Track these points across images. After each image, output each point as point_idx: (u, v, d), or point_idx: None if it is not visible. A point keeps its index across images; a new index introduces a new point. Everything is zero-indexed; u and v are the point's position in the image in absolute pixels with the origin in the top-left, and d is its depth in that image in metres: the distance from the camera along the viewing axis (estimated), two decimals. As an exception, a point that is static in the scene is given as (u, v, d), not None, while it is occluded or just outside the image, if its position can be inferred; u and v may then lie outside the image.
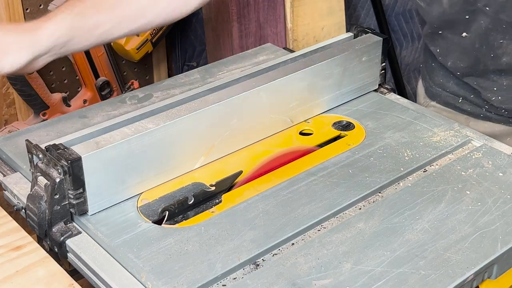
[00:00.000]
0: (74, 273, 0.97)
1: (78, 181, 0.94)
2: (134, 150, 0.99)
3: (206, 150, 1.08)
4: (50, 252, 0.97)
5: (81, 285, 0.91)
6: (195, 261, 0.90)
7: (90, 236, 0.96)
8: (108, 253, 0.93)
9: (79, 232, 0.97)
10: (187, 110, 1.05)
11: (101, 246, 0.94)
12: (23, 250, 0.96)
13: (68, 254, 0.96)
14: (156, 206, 1.01)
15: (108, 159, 0.97)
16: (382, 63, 1.29)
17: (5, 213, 1.03)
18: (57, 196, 0.94)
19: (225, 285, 0.88)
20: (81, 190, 0.95)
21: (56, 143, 0.96)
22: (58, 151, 0.94)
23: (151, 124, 1.01)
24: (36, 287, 0.90)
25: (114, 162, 0.97)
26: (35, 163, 0.98)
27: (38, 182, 0.96)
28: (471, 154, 1.12)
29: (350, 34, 1.31)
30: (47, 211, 0.94)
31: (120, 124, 1.03)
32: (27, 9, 1.40)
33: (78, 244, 0.95)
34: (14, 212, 1.06)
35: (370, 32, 1.28)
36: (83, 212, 0.97)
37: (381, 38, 1.27)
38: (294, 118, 1.19)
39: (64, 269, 0.94)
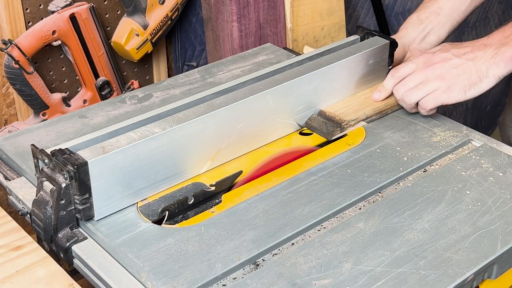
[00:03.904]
0: (74, 273, 0.97)
1: (84, 186, 0.94)
2: (141, 155, 0.99)
3: (212, 154, 1.08)
4: (50, 252, 0.97)
5: (81, 285, 0.91)
6: (195, 261, 0.90)
7: (96, 242, 0.95)
8: (110, 254, 0.93)
9: (85, 238, 0.96)
10: (194, 114, 1.04)
11: (107, 251, 0.94)
12: (23, 250, 0.96)
13: (74, 260, 0.96)
14: (156, 206, 1.01)
15: (115, 164, 0.96)
16: (389, 66, 1.29)
17: (5, 213, 1.03)
18: (63, 202, 0.94)
19: (225, 285, 0.88)
20: (87, 196, 0.94)
21: (62, 148, 0.95)
22: (64, 156, 0.93)
23: (158, 128, 1.01)
24: (36, 287, 0.90)
25: (120, 167, 0.97)
26: (40, 168, 0.97)
27: (43, 187, 0.95)
28: (471, 154, 1.12)
29: (357, 36, 1.30)
30: (52, 216, 0.94)
31: (126, 128, 1.02)
32: (27, 9, 1.40)
33: (84, 250, 0.94)
34: (14, 212, 1.06)
35: (377, 35, 1.28)
36: (89, 217, 0.97)
37: (388, 41, 1.26)
38: (300, 121, 1.19)
39: (64, 269, 0.93)
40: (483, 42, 1.15)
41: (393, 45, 1.27)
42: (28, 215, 1.00)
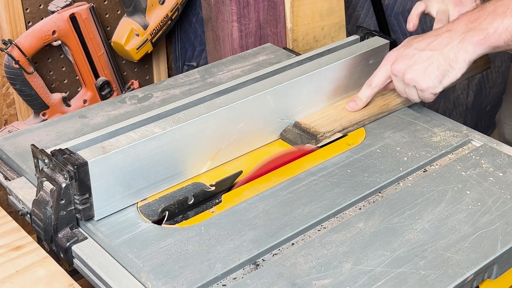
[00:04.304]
0: (74, 273, 0.97)
1: (84, 186, 0.94)
2: (141, 155, 0.99)
3: (213, 154, 1.08)
4: (50, 252, 0.97)
5: (81, 285, 0.91)
6: (195, 261, 0.90)
7: (96, 242, 0.95)
8: (110, 254, 0.93)
9: (85, 238, 0.96)
10: (194, 114, 1.04)
11: (107, 251, 0.94)
12: (23, 250, 0.96)
13: (74, 260, 0.96)
14: (156, 206, 1.01)
15: (115, 164, 0.96)
16: None
17: (5, 213, 1.03)
18: (63, 202, 0.94)
19: (225, 285, 0.88)
20: (87, 195, 0.94)
21: (62, 148, 0.95)
22: (64, 156, 0.93)
23: (158, 128, 1.01)
24: (36, 287, 0.90)
25: (120, 167, 0.97)
26: (40, 168, 0.97)
27: (43, 187, 0.95)
28: (471, 154, 1.12)
29: (357, 36, 1.30)
30: (52, 216, 0.94)
31: (126, 128, 1.02)
32: (27, 9, 1.40)
33: (84, 250, 0.94)
34: (14, 212, 1.06)
35: (377, 35, 1.28)
36: (89, 217, 0.97)
37: (388, 41, 1.26)
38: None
39: (64, 269, 0.93)
40: (447, 28, 1.11)
41: (393, 45, 1.27)
42: (28, 215, 1.00)
